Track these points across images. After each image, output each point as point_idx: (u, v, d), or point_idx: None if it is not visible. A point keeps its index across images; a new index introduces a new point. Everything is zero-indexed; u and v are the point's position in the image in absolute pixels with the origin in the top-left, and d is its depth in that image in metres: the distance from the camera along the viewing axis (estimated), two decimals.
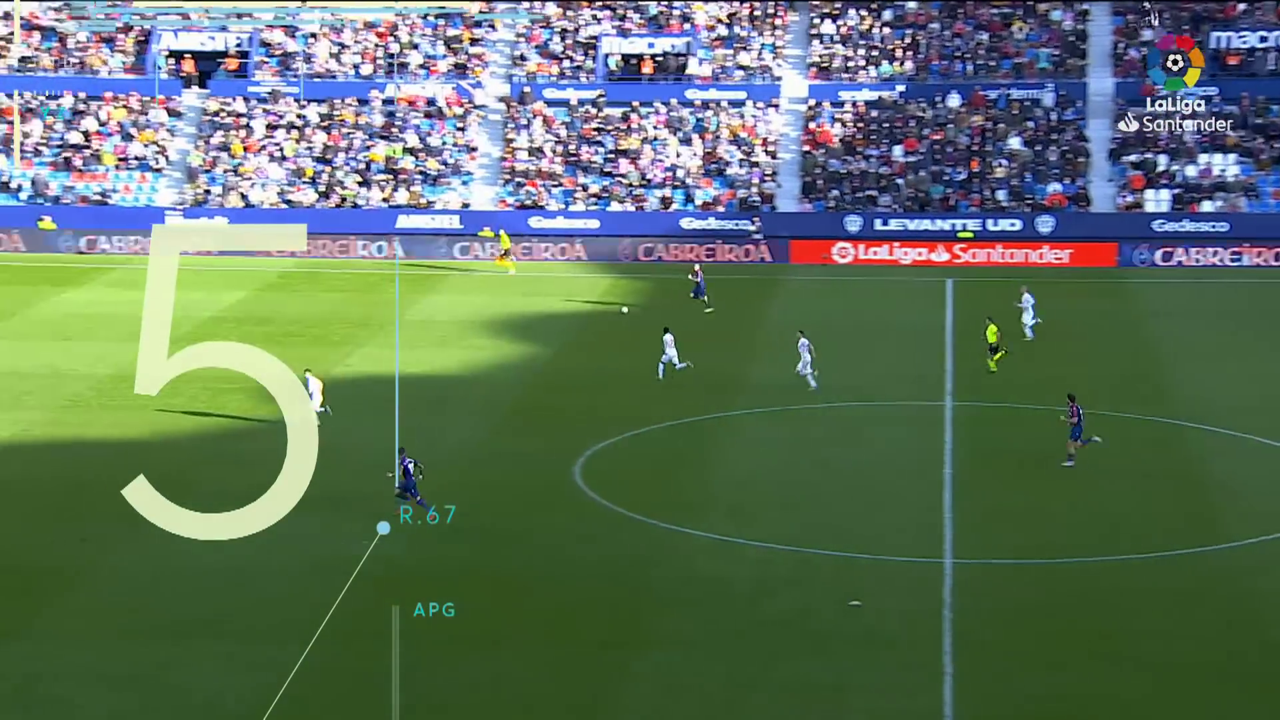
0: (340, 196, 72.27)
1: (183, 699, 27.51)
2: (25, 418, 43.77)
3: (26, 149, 72.98)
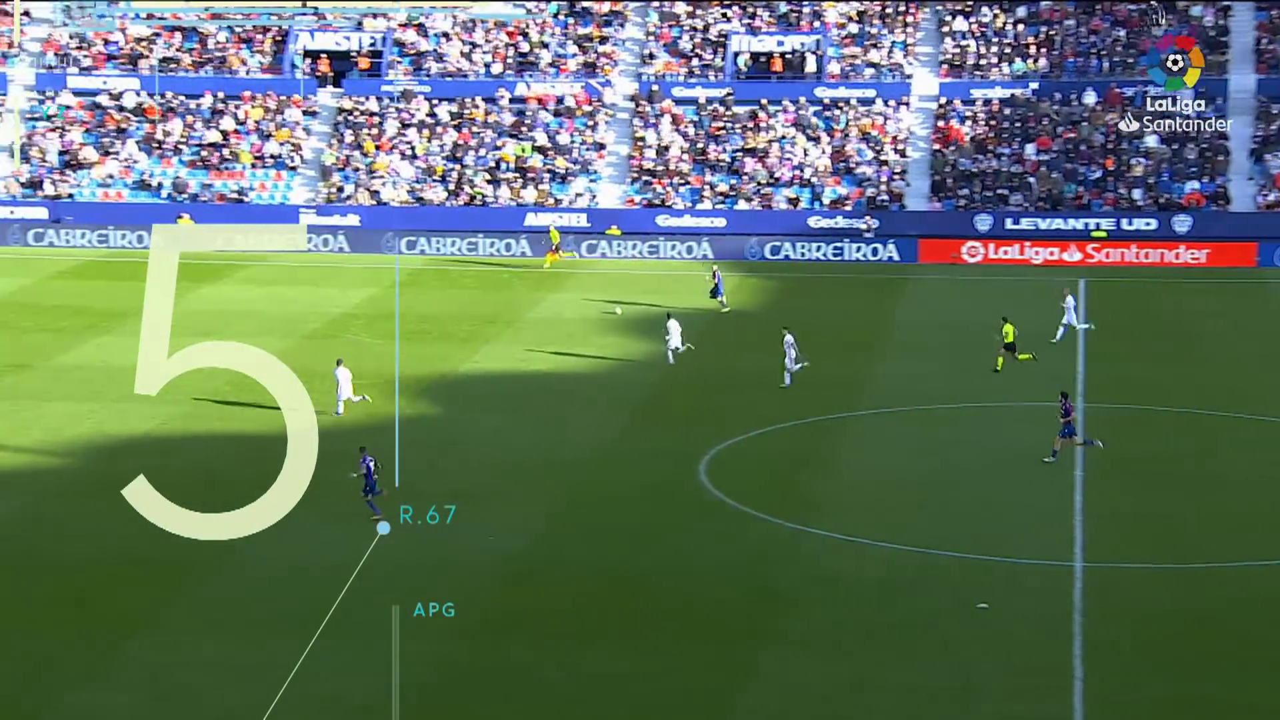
0: (470, 194, 72.77)
1: (307, 691, 27.70)
2: (163, 411, 44.48)
3: (167, 148, 74.36)
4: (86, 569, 33.04)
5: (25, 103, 76.13)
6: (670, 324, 50.07)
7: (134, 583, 32.26)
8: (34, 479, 38.78)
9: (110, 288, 61.56)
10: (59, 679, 27.85)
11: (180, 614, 30.90)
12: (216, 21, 79.38)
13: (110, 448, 41.27)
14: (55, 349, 51.41)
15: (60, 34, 78.39)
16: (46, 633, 29.81)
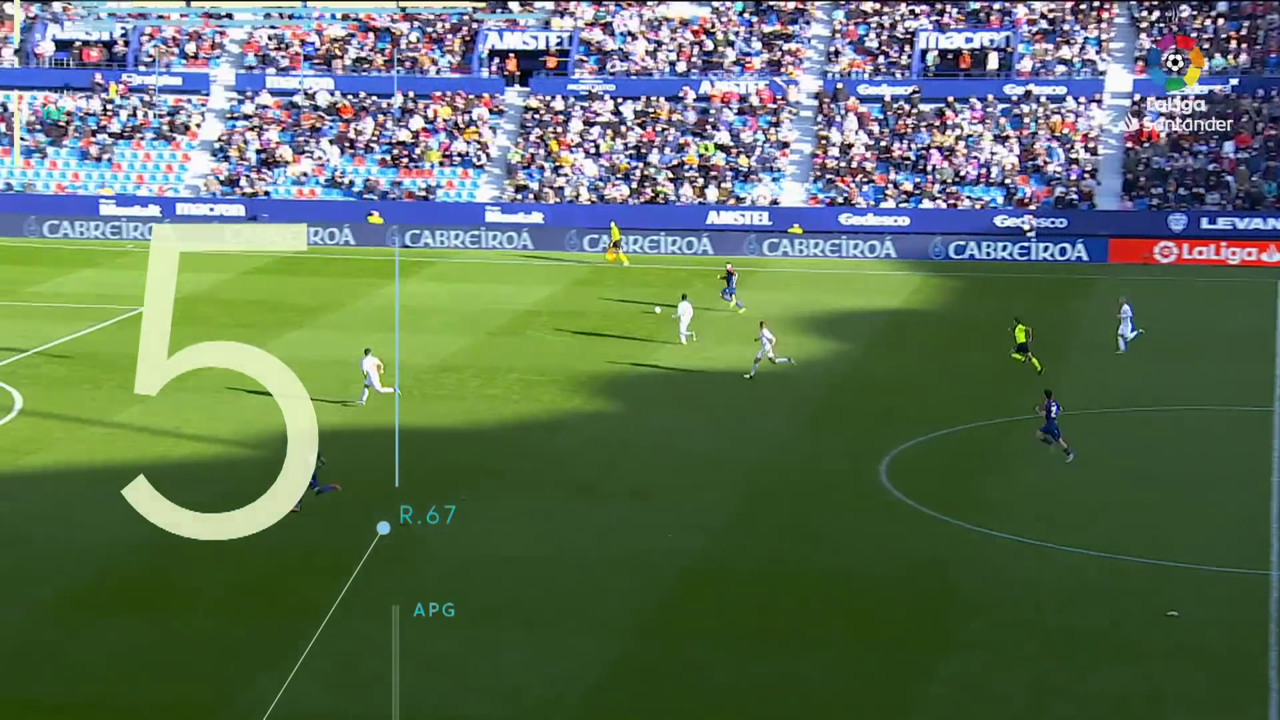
0: (653, 192, 72.98)
1: (491, 683, 27.99)
2: (349, 406, 45.31)
3: (359, 146, 75.83)
4: (275, 558, 33.69)
5: (225, 102, 78.25)
6: (682, 306, 51.36)
7: (320, 572, 32.85)
8: (226, 470, 39.74)
9: (303, 284, 62.97)
10: (248, 665, 28.50)
11: (366, 603, 31.36)
12: (409, 23, 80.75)
13: None
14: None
15: (260, 35, 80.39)
16: (236, 620, 30.54)
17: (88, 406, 44.25)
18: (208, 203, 73.54)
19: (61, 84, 78.35)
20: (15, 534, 34.70)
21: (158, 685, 27.61)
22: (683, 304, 51.93)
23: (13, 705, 26.71)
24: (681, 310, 52.07)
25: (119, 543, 34.22)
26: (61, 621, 30.27)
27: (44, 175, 75.12)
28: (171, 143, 76.42)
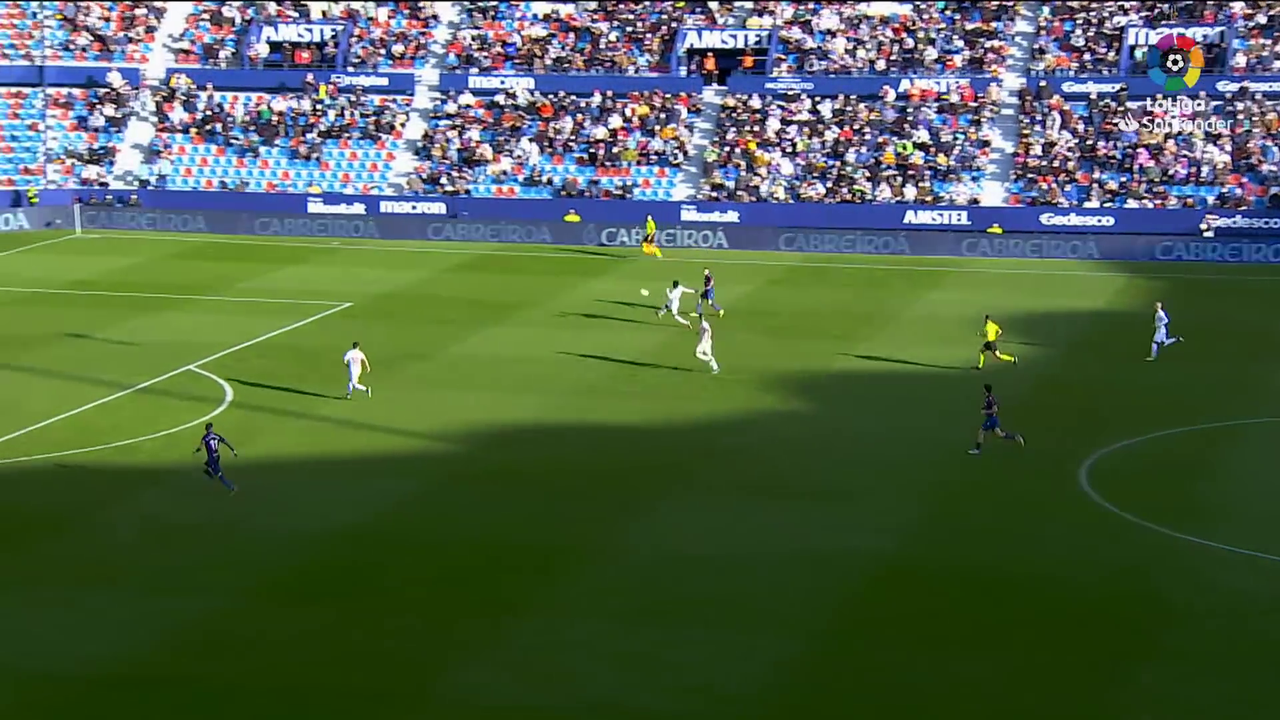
0: (850, 192, 72.50)
1: (679, 680, 28.08)
2: (544, 402, 45.86)
3: (558, 145, 76.66)
4: (472, 551, 34.29)
5: (429, 102, 79.73)
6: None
7: (515, 567, 33.31)
8: (427, 464, 40.48)
9: (502, 281, 63.86)
10: (445, 656, 28.98)
11: (559, 599, 31.73)
12: (609, 22, 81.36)
13: (498, 436, 42.76)
14: (450, 339, 53.62)
15: (464, 36, 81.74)
16: (434, 611, 31.07)
17: (294, 399, 45.45)
18: (410, 201, 75.00)
19: (275, 85, 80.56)
20: (223, 522, 35.77)
21: (358, 673, 28.22)
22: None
23: (219, 688, 27.55)
24: (672, 296, 53.90)
25: (323, 532, 35.11)
26: (266, 608, 31.14)
27: (256, 174, 77.34)
28: (377, 142, 78.10)
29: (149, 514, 36.28)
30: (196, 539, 34.68)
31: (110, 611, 30.62)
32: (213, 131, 78.58)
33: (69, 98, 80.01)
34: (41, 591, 31.55)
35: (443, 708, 27.12)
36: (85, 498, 37.16)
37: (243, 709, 26.84)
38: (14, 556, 33.47)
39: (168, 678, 27.84)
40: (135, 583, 32.14)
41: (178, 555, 33.72)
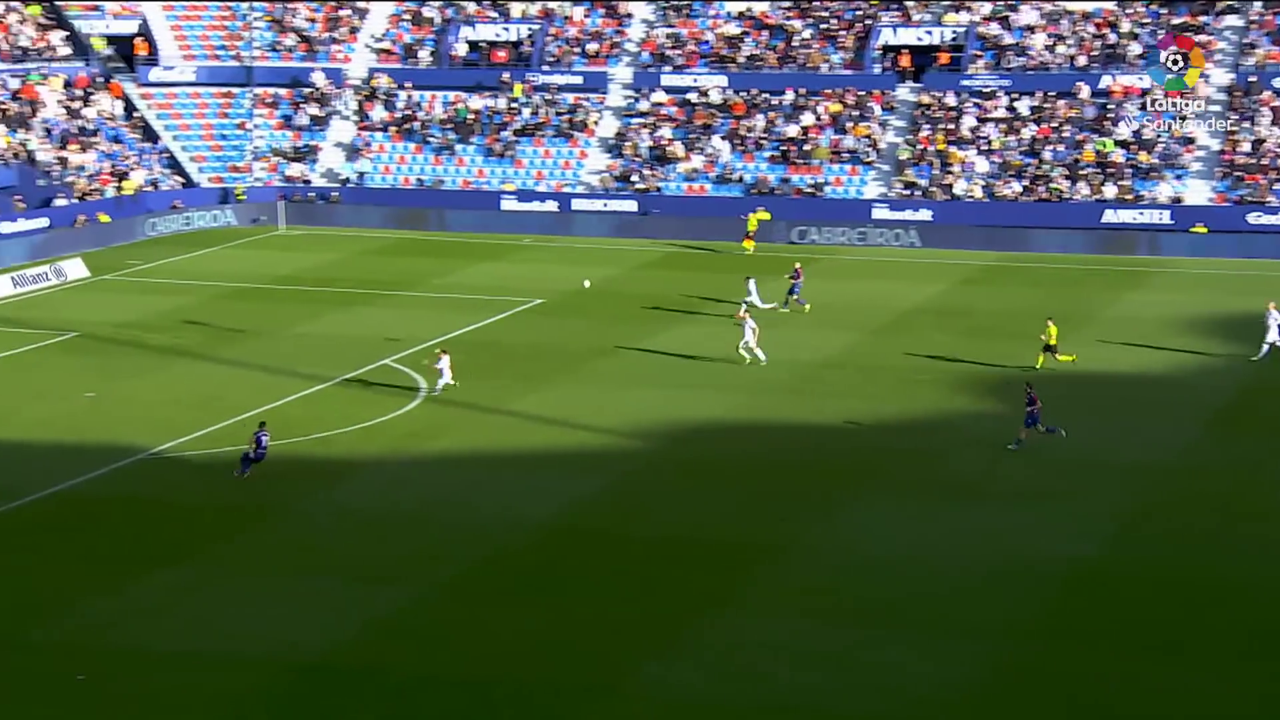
0: (1047, 190, 71.28)
1: (868, 682, 27.90)
2: (732, 399, 45.92)
3: (749, 143, 76.65)
4: (660, 547, 34.48)
5: (622, 100, 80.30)
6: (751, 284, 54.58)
7: (704, 563, 33.40)
8: (614, 460, 40.80)
9: (691, 278, 64.06)
10: (634, 651, 29.17)
11: (748, 597, 31.75)
12: (802, 20, 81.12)
13: (683, 432, 42.93)
14: (638, 336, 53.96)
15: (658, 34, 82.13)
16: (622, 606, 31.30)
17: (485, 394, 46.15)
18: (601, 198, 75.63)
19: (471, 84, 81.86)
20: (415, 515, 36.48)
21: (548, 665, 28.53)
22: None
23: (413, 680, 28.12)
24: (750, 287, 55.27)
25: (513, 526, 35.59)
26: (458, 600, 31.67)
27: (452, 171, 78.69)
28: (570, 140, 78.90)
29: (346, 506, 37.12)
30: (391, 531, 35.40)
31: (312, 601, 31.39)
32: (411, 130, 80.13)
33: (275, 97, 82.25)
34: (246, 580, 32.49)
35: (630, 702, 27.31)
36: (286, 489, 38.16)
37: (434, 700, 27.33)
38: (221, 546, 34.53)
39: (364, 667, 28.45)
40: (335, 573, 32.91)
41: (374, 547, 34.45)
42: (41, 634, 29.65)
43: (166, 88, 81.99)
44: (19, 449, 41.15)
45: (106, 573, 32.62)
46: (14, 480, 38.17)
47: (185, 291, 61.54)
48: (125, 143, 78.15)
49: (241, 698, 27.26)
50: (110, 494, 37.72)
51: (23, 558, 33.61)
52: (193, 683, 27.69)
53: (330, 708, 26.93)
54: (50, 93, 77.63)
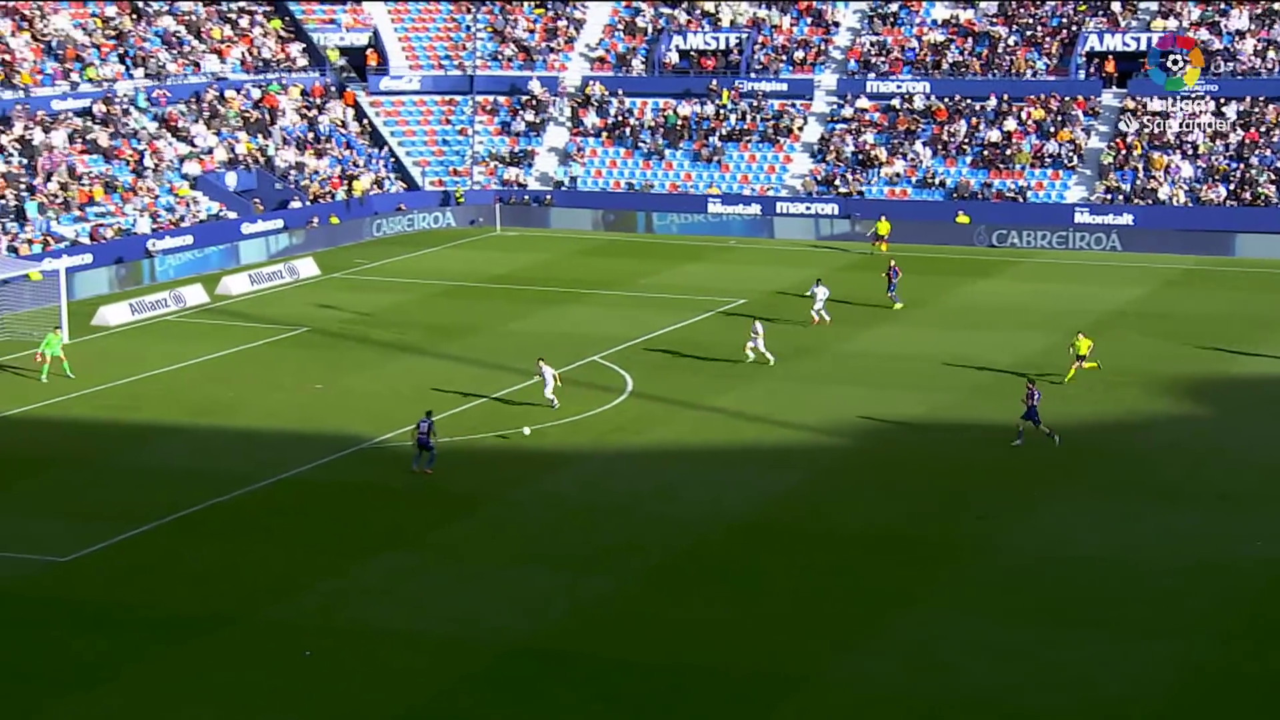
0: (1252, 195, 69.08)
1: (1059, 679, 27.45)
2: (933, 399, 45.51)
3: (950, 148, 75.74)
4: (857, 542, 34.38)
5: (826, 106, 79.99)
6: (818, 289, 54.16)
7: (900, 559, 33.22)
8: (812, 456, 40.75)
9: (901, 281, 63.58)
10: (829, 643, 29.13)
11: (941, 593, 31.49)
12: (1007, 27, 79.85)
13: (882, 430, 42.69)
14: (839, 337, 53.73)
15: (864, 41, 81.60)
16: (819, 599, 31.28)
17: (689, 390, 46.43)
18: (804, 202, 75.43)
19: (680, 90, 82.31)
20: (620, 506, 36.90)
21: (745, 654, 28.65)
22: (818, 288, 54.24)
23: (614, 664, 28.49)
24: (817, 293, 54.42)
25: (714, 518, 35.79)
26: (659, 589, 31.96)
27: (660, 175, 79.23)
28: (775, 145, 78.83)
29: (555, 495, 37.70)
30: (597, 521, 35.86)
31: (521, 586, 31.97)
32: (622, 135, 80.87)
33: (494, 104, 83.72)
34: (458, 565, 33.23)
35: (821, 693, 27.29)
36: (497, 478, 38.93)
37: (634, 684, 27.64)
38: (436, 532, 35.36)
39: (568, 651, 28.90)
40: (543, 560, 33.48)
41: (580, 535, 34.95)
42: (273, 611, 30.71)
43: (394, 96, 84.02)
44: (253, 437, 42.64)
45: (331, 555, 33.65)
46: (249, 467, 39.57)
47: (407, 289, 63.04)
48: (355, 148, 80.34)
49: (454, 677, 27.91)
50: (335, 480, 38.88)
51: (256, 540, 34.85)
52: (409, 662, 28.44)
53: (535, 689, 27.42)
54: (288, 101, 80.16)
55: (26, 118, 67.91)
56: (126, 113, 72.28)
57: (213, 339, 54.00)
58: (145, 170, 69.57)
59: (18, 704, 26.64)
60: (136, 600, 31.21)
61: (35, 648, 29.00)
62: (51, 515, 36.11)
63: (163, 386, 47.66)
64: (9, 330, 53.99)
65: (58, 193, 64.85)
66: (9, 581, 32.05)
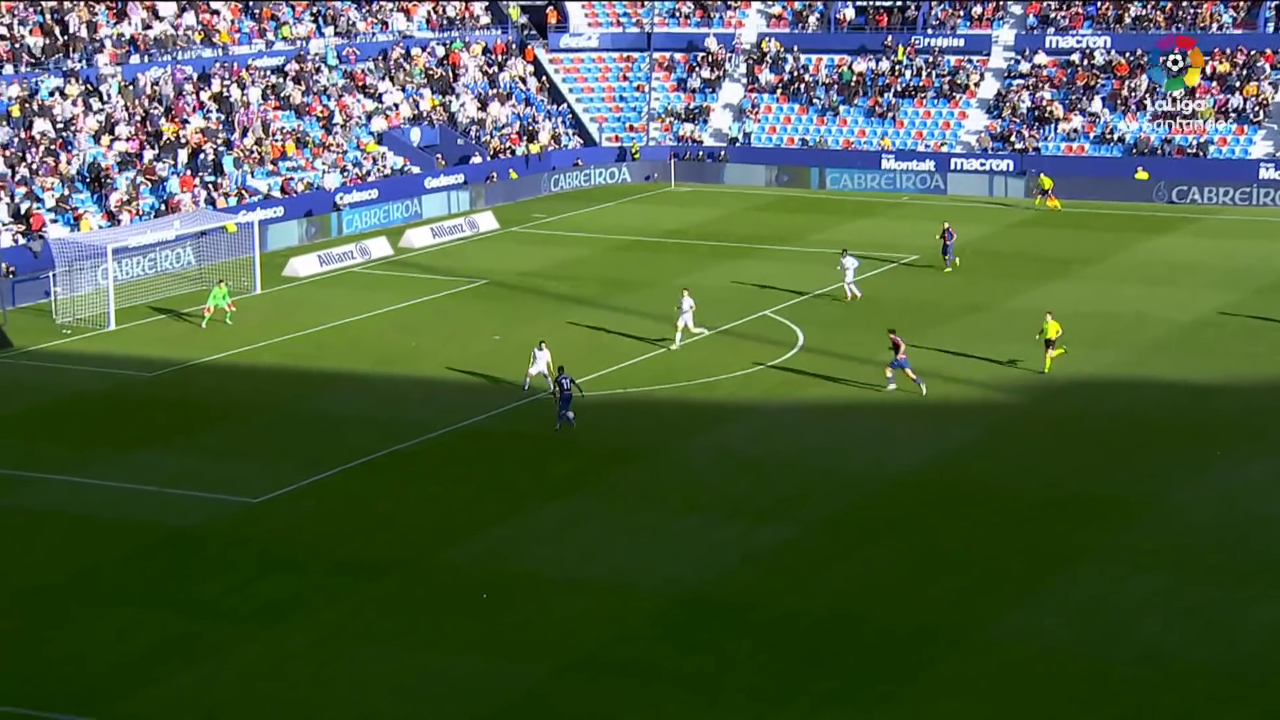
0: None
1: (1242, 639, 26.74)
2: (1107, 356, 44.45)
3: (1131, 104, 73.56)
4: (1026, 498, 33.76)
5: (1003, 62, 78.21)
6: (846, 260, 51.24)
7: (1070, 516, 32.56)
8: (984, 412, 40.06)
9: (1067, 236, 62.18)
10: (998, 598, 28.68)
11: (1116, 550, 30.78)
12: None
13: (1054, 387, 41.78)
14: (1010, 293, 52.71)
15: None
16: (987, 554, 30.80)
17: (860, 346, 45.91)
18: (979, 158, 73.96)
19: (856, 47, 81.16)
20: (790, 459, 36.67)
21: (913, 606, 28.33)
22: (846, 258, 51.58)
23: (784, 613, 28.32)
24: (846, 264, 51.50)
25: (883, 472, 35.40)
26: (829, 541, 31.72)
27: (834, 132, 78.27)
28: (950, 101, 77.39)
29: (725, 447, 37.61)
30: (767, 473, 35.69)
31: (691, 535, 31.99)
32: (797, 92, 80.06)
33: (671, 61, 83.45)
34: (631, 514, 33.33)
35: (991, 647, 26.86)
36: (669, 430, 38.92)
37: (802, 635, 27.49)
38: (608, 481, 35.48)
39: (738, 600, 28.85)
40: (713, 510, 33.45)
41: (750, 487, 34.82)
42: (452, 554, 31.14)
43: (573, 53, 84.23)
44: (435, 386, 43.23)
45: (507, 502, 33.99)
46: (430, 415, 40.13)
47: (582, 244, 63.28)
48: (534, 104, 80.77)
49: (624, 624, 28.03)
50: (511, 429, 39.23)
51: (436, 486, 35.33)
52: (580, 608, 28.62)
53: (703, 638, 27.41)
54: (470, 59, 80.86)
55: (225, 75, 69.47)
56: (317, 70, 73.56)
57: (396, 290, 54.84)
58: (334, 126, 70.78)
59: (211, 640, 27.40)
60: (321, 542, 31.89)
61: (228, 586, 29.79)
62: (244, 458, 37.04)
63: (347, 336, 48.55)
64: (206, 279, 55.44)
65: (252, 148, 66.30)
66: (205, 522, 32.96)
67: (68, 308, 50.82)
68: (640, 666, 26.39)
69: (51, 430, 39.32)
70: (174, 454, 37.20)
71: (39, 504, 34.09)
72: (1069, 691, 25.21)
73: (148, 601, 29.05)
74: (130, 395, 42.40)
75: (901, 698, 25.15)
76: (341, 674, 26.20)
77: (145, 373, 44.30)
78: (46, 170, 59.11)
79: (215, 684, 25.82)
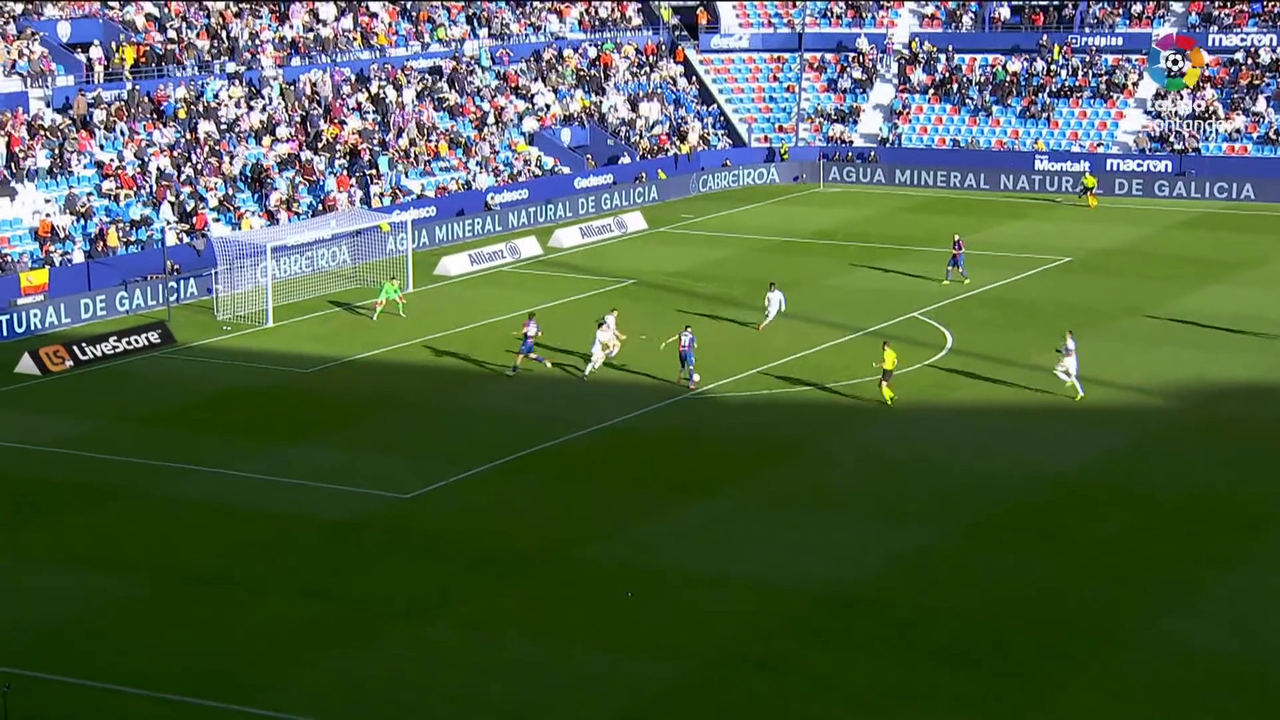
0: None
1: None
2: (1269, 361, 43.43)
3: None
4: (1180, 504, 33.12)
5: (1163, 60, 76.58)
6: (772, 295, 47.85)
7: (1226, 523, 31.94)
8: (1137, 417, 39.34)
9: (1228, 239, 60.80)
10: (1150, 604, 28.18)
11: (1267, 559, 30.06)
12: None
13: (1211, 393, 40.90)
14: (1167, 296, 51.65)
15: None
16: (1139, 560, 30.25)
17: (1009, 348, 45.34)
18: (1136, 159, 72.54)
19: (1009, 46, 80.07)
20: (936, 461, 36.35)
21: (1061, 611, 27.94)
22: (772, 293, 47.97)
23: (925, 614, 28.11)
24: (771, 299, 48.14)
25: (1032, 476, 34.94)
26: (974, 543, 31.41)
27: (986, 132, 77.32)
28: (1107, 100, 76.00)
29: (871, 448, 37.39)
30: (912, 474, 35.42)
31: (833, 535, 31.89)
32: (949, 92, 79.23)
33: (822, 61, 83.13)
34: (775, 513, 33.30)
35: (1140, 649, 26.41)
36: (815, 430, 38.82)
37: (948, 635, 27.25)
38: (751, 480, 35.46)
39: (879, 600, 28.69)
40: (856, 510, 33.30)
41: (895, 488, 34.58)
42: (592, 551, 31.40)
43: (724, 54, 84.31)
44: (581, 384, 43.55)
45: (651, 499, 34.17)
46: (576, 413, 40.47)
47: (730, 244, 63.28)
48: (684, 105, 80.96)
49: (766, 622, 28.03)
50: (657, 428, 39.41)
51: (583, 482, 35.63)
52: (721, 605, 28.68)
53: (847, 636, 27.33)
54: (622, 60, 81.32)
55: (382, 76, 70.74)
56: (471, 71, 74.56)
57: (545, 289, 55.35)
58: (487, 126, 71.67)
59: (360, 631, 27.94)
60: (469, 537, 32.34)
61: (378, 579, 30.36)
62: (396, 453, 37.69)
63: (497, 333, 49.14)
64: (360, 278, 56.49)
65: (407, 148, 67.41)
66: (359, 514, 33.62)
67: (228, 305, 52.16)
68: (780, 664, 26.38)
69: (211, 424, 40.40)
70: (328, 448, 38.00)
71: (197, 495, 35.05)
72: (1226, 701, 24.70)
73: (299, 592, 29.70)
74: (287, 390, 43.39)
75: (1048, 700, 24.82)
76: (485, 665, 26.57)
77: (301, 369, 45.30)
78: (210, 170, 60.73)
79: (362, 671, 26.33)
